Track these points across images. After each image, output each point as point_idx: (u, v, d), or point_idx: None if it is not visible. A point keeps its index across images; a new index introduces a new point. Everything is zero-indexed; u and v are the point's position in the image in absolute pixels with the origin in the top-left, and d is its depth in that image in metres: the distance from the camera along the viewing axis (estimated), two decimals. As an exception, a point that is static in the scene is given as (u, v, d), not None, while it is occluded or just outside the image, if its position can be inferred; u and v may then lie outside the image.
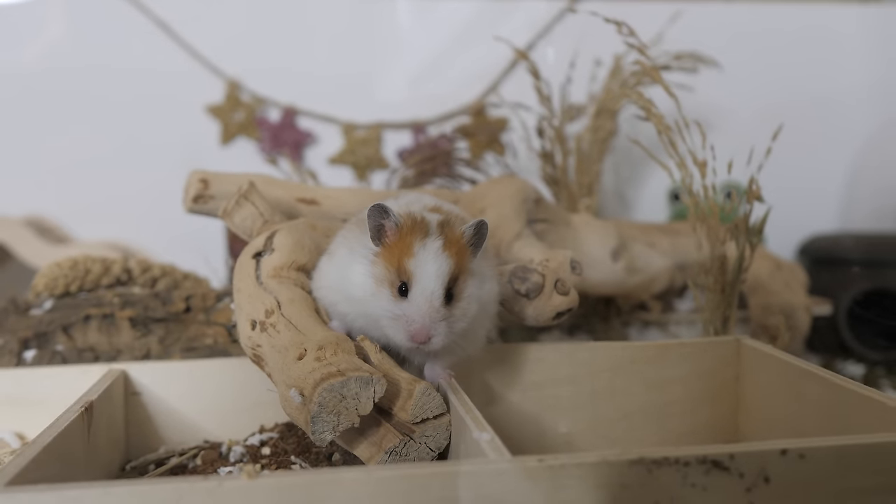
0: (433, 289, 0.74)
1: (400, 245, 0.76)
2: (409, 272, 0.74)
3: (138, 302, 1.04)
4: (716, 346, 0.97)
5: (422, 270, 0.74)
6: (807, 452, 0.61)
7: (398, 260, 0.75)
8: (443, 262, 0.75)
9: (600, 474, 0.60)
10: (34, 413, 0.88)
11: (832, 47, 1.72)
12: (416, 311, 0.74)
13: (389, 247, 0.76)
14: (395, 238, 0.76)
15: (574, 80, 1.47)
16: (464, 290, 0.77)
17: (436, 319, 0.74)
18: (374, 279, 0.76)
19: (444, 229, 0.77)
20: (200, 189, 1.01)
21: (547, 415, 0.95)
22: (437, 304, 0.74)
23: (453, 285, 0.76)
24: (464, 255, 0.77)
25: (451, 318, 0.75)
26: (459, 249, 0.77)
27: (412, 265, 0.74)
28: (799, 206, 1.64)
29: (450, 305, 0.75)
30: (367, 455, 0.74)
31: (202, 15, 1.60)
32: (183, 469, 0.85)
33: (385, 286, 0.75)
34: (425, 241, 0.75)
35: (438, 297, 0.74)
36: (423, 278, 0.74)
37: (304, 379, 0.71)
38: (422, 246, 0.75)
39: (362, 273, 0.77)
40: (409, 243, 0.75)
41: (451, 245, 0.76)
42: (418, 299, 0.74)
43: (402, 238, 0.76)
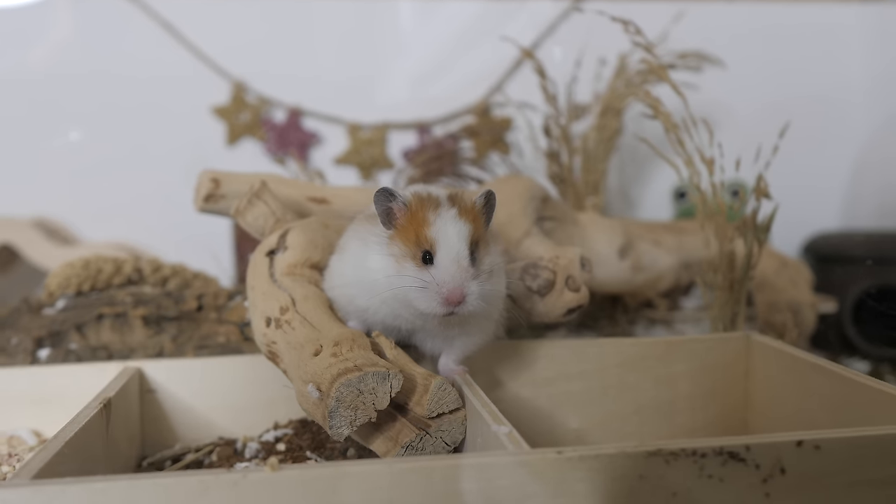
0: (458, 248, 0.74)
1: (414, 220, 0.76)
2: (431, 239, 0.74)
3: (151, 301, 1.04)
4: (725, 342, 0.97)
5: (444, 234, 0.74)
6: (822, 444, 0.62)
7: (415, 233, 0.75)
8: (462, 225, 0.75)
9: (618, 466, 0.60)
10: (51, 410, 0.89)
11: (834, 45, 1.73)
12: (445, 272, 0.74)
13: (403, 226, 0.76)
14: (406, 216, 0.76)
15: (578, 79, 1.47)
16: (485, 255, 0.77)
17: (467, 278, 0.74)
18: (394, 258, 0.76)
19: (455, 200, 0.78)
20: (212, 188, 1.02)
21: (558, 410, 0.95)
22: (465, 263, 0.74)
23: (475, 250, 0.76)
24: (479, 223, 0.77)
25: (480, 277, 0.75)
26: (475, 217, 0.77)
27: (432, 232, 0.75)
28: (803, 204, 1.65)
29: (475, 266, 0.75)
30: (384, 450, 0.74)
31: (207, 17, 1.60)
32: (199, 465, 0.86)
33: (407, 260, 0.75)
34: (439, 210, 0.76)
35: (465, 256, 0.74)
36: (447, 240, 0.74)
37: (321, 375, 0.72)
38: (437, 214, 0.75)
39: (380, 257, 0.77)
40: (423, 216, 0.76)
41: (465, 212, 0.76)
42: (445, 261, 0.74)
43: (415, 214, 0.76)
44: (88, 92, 1.58)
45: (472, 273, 0.74)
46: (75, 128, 1.60)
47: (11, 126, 1.57)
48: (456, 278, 0.73)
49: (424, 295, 0.74)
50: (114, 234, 1.60)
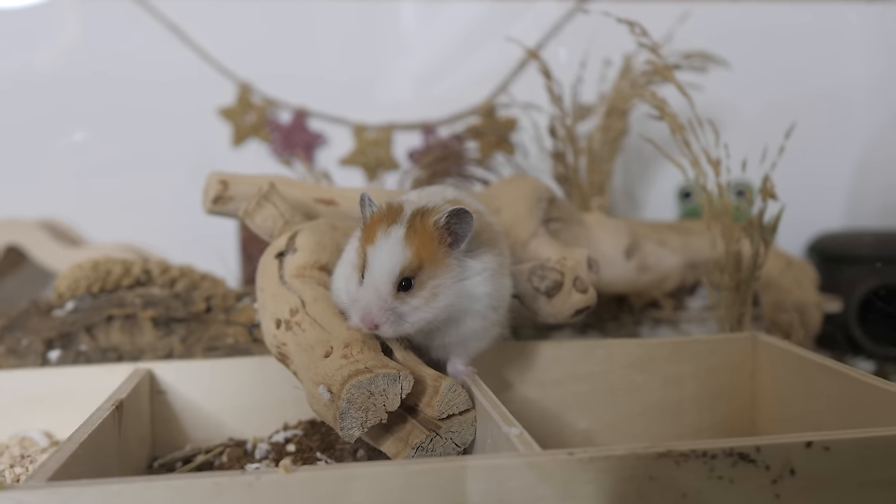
0: (378, 276, 0.74)
1: (367, 232, 0.77)
2: (366, 259, 0.75)
3: (160, 302, 1.05)
4: (732, 343, 0.98)
5: (373, 258, 0.75)
6: (831, 445, 0.62)
7: (363, 246, 0.76)
8: (397, 250, 0.74)
9: (628, 467, 0.61)
10: (61, 412, 0.90)
11: (839, 45, 1.73)
12: (363, 296, 0.75)
13: (363, 234, 0.77)
14: (368, 226, 0.77)
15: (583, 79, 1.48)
16: (428, 280, 0.75)
17: (382, 308, 0.74)
18: (352, 266, 0.78)
19: (415, 218, 0.76)
20: (220, 190, 1.02)
21: (566, 411, 0.96)
22: (382, 292, 0.74)
23: (414, 275, 0.74)
24: (430, 245, 0.75)
25: (405, 306, 0.74)
26: (425, 239, 0.75)
27: (369, 252, 0.75)
28: (806, 204, 1.65)
29: (407, 294, 0.74)
30: (394, 451, 0.75)
31: (213, 19, 1.61)
32: (209, 466, 0.87)
33: (356, 272, 0.77)
34: (389, 229, 0.75)
35: (385, 284, 0.74)
36: (372, 266, 0.75)
37: (331, 376, 0.72)
38: (383, 234, 0.75)
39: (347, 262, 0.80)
40: (373, 231, 0.76)
41: (414, 234, 0.75)
42: (366, 286, 0.75)
43: (371, 225, 0.77)
44: (95, 93, 1.59)
45: (391, 302, 0.74)
46: (81, 129, 1.60)
47: (19, 127, 1.58)
48: (369, 305, 0.74)
49: (352, 309, 0.76)
50: (120, 235, 1.61)
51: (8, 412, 0.91)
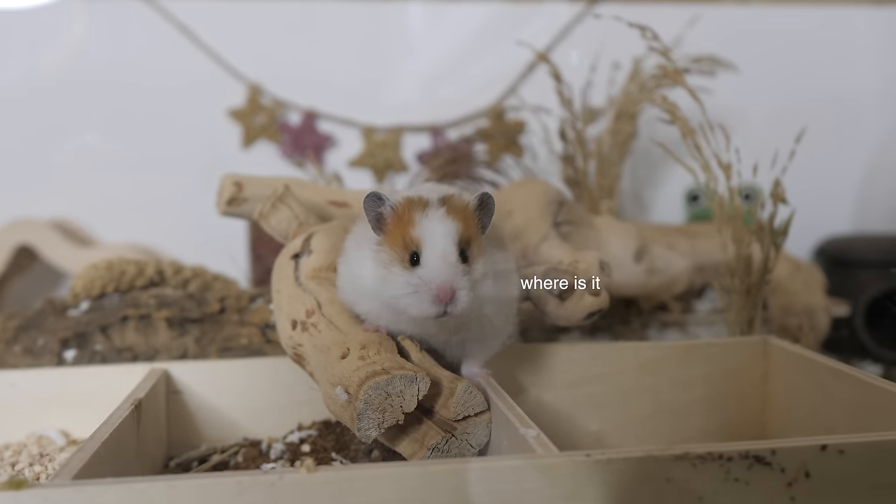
0: (444, 245, 0.72)
1: (401, 223, 0.74)
2: (416, 239, 0.72)
3: (174, 303, 1.06)
4: (743, 346, 0.99)
5: (429, 232, 0.72)
6: (846, 448, 0.63)
7: (402, 236, 0.73)
8: (449, 223, 0.73)
9: (646, 469, 0.61)
10: (78, 411, 0.91)
11: (847, 49, 1.73)
12: (432, 270, 0.71)
13: (390, 230, 0.75)
14: (393, 220, 0.75)
15: (593, 82, 1.49)
16: (478, 256, 0.74)
17: (456, 274, 0.71)
18: (382, 264, 0.74)
19: (447, 201, 0.76)
20: (234, 192, 1.03)
21: (577, 413, 0.96)
22: (452, 259, 0.71)
23: (466, 248, 0.73)
24: (471, 224, 0.75)
25: (471, 276, 0.73)
26: (465, 217, 0.74)
27: (417, 232, 0.72)
28: (814, 208, 1.65)
29: (465, 266, 0.73)
30: (410, 452, 0.75)
31: (223, 21, 1.62)
32: (225, 466, 0.87)
33: (395, 264, 0.73)
34: (427, 210, 0.74)
35: (452, 252, 0.72)
36: (432, 238, 0.72)
37: (348, 377, 0.73)
38: (424, 215, 0.73)
39: (370, 264, 0.75)
40: (410, 218, 0.74)
41: (455, 212, 0.74)
42: (431, 259, 0.71)
43: (401, 217, 0.74)
44: (105, 94, 1.60)
45: (463, 269, 0.72)
46: (91, 130, 1.61)
47: (30, 128, 1.59)
48: (443, 273, 0.71)
49: (414, 299, 0.72)
50: (131, 235, 1.62)
51: (25, 411, 0.92)
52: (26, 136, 1.59)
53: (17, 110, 1.58)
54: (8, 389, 0.92)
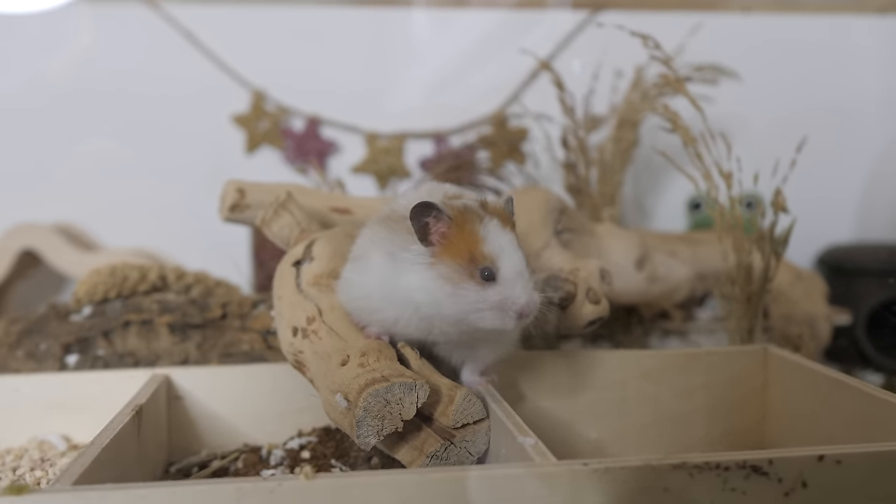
0: (520, 261, 0.74)
1: (460, 236, 0.73)
2: (489, 255, 0.72)
3: (176, 308, 1.06)
4: (743, 355, 0.99)
5: (502, 248, 0.73)
6: (843, 458, 0.63)
7: (467, 250, 0.73)
8: (511, 235, 0.75)
9: (643, 478, 0.62)
10: (80, 416, 0.91)
11: (849, 58, 1.74)
12: (515, 288, 0.72)
13: (449, 242, 0.73)
14: (452, 231, 0.73)
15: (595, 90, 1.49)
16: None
17: (533, 290, 0.74)
18: (447, 279, 0.72)
19: (488, 209, 0.76)
20: (237, 198, 1.03)
21: (577, 421, 0.97)
22: (527, 275, 0.74)
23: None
24: (514, 229, 0.77)
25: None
26: (511, 224, 0.77)
27: (488, 248, 0.73)
28: (816, 216, 1.65)
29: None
30: (409, 459, 0.76)
31: (228, 27, 1.62)
32: (225, 472, 0.88)
33: (465, 280, 0.72)
34: (484, 222, 0.74)
35: (527, 269, 0.74)
36: (508, 255, 0.73)
37: (348, 384, 0.73)
38: (485, 228, 0.74)
39: (425, 278, 0.73)
40: (471, 230, 0.73)
41: (505, 220, 0.76)
42: (512, 276, 0.73)
43: (461, 228, 0.73)
44: (109, 99, 1.60)
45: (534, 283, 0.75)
46: (96, 135, 1.62)
47: (34, 133, 1.60)
48: (527, 292, 0.73)
49: (494, 314, 0.73)
50: (134, 240, 1.62)
51: (27, 416, 0.92)
52: (31, 142, 1.60)
53: (22, 116, 1.59)
54: (10, 394, 0.92)
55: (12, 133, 1.59)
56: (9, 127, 1.59)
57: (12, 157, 1.59)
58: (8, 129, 1.59)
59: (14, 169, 1.59)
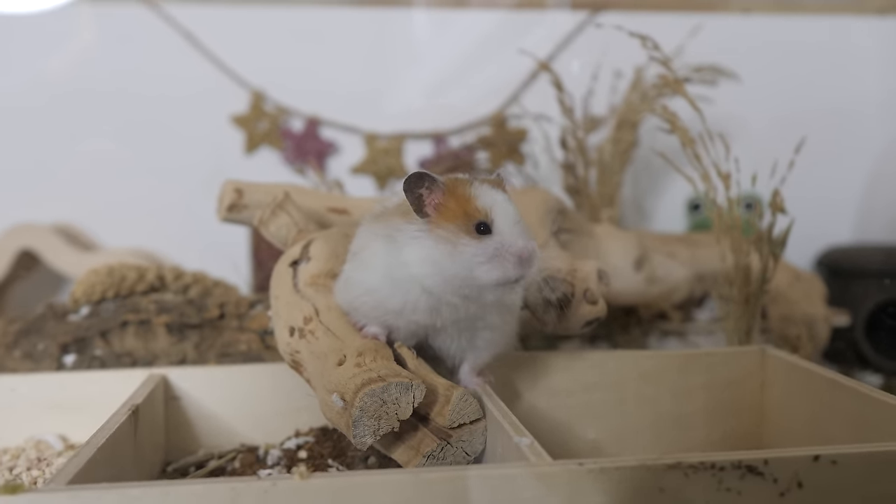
0: (514, 211, 0.73)
1: (454, 199, 0.74)
2: (483, 209, 0.73)
3: (174, 308, 1.06)
4: (741, 356, 0.99)
5: (495, 201, 0.73)
6: (839, 459, 0.63)
7: (462, 209, 0.73)
8: (504, 194, 0.75)
9: (639, 478, 0.62)
10: (77, 416, 0.91)
11: (848, 59, 1.74)
12: (511, 234, 0.72)
13: (443, 207, 0.74)
14: (445, 196, 0.74)
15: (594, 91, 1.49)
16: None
17: (531, 236, 0.73)
18: (445, 241, 0.73)
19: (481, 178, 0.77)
20: (235, 199, 1.03)
21: (575, 422, 0.97)
22: (523, 223, 0.74)
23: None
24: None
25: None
26: (503, 188, 0.77)
27: (482, 203, 0.73)
28: (815, 217, 1.65)
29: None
30: (405, 459, 0.76)
31: (227, 27, 1.62)
32: (222, 471, 0.88)
33: (461, 236, 0.72)
34: (475, 185, 0.74)
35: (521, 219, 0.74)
36: (502, 206, 0.73)
37: (344, 384, 0.73)
38: (477, 189, 0.74)
39: (424, 246, 0.74)
40: (464, 192, 0.74)
41: (498, 185, 0.76)
42: (507, 224, 0.73)
43: (453, 192, 0.74)
44: (108, 99, 1.60)
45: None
46: (95, 135, 1.62)
47: (33, 133, 1.60)
48: (523, 236, 0.73)
49: (494, 265, 0.72)
50: (132, 240, 1.62)
51: (24, 416, 0.92)
52: (30, 142, 1.60)
53: (21, 116, 1.59)
54: (7, 394, 0.93)
55: (11, 133, 1.59)
56: (8, 127, 1.59)
57: (11, 157, 1.59)
58: (7, 128, 1.59)
59: (13, 169, 1.59)
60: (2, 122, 1.59)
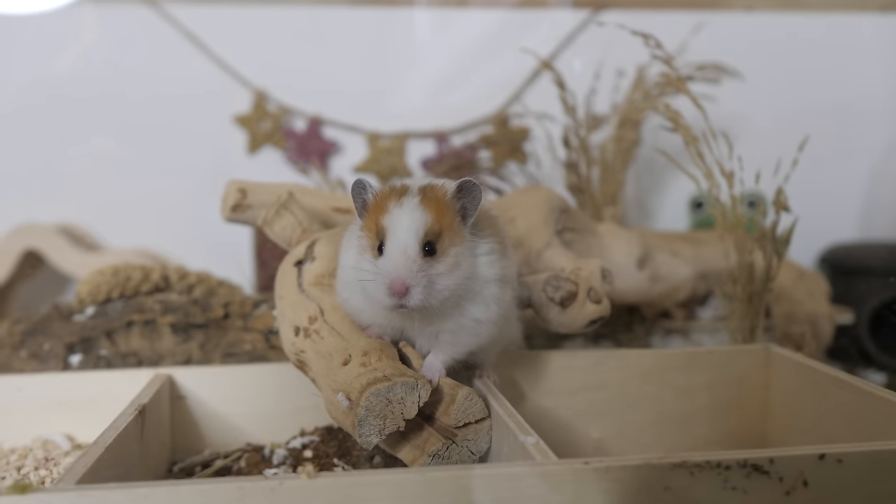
0: (405, 239, 0.72)
1: (377, 209, 0.75)
2: (384, 228, 0.73)
3: (179, 308, 1.06)
4: (745, 354, 0.99)
5: (394, 223, 0.73)
6: (844, 457, 0.63)
7: (375, 224, 0.74)
8: (417, 214, 0.73)
9: (644, 477, 0.62)
10: (83, 415, 0.92)
11: (852, 56, 1.73)
12: (388, 262, 0.72)
13: (368, 216, 0.76)
14: (372, 207, 0.76)
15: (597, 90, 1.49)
16: (449, 248, 0.74)
17: (411, 269, 0.71)
18: (359, 249, 0.76)
19: (425, 189, 0.75)
20: (239, 199, 1.03)
21: (579, 420, 0.97)
22: (411, 253, 0.72)
23: (436, 240, 0.73)
24: (446, 214, 0.74)
25: (432, 271, 0.72)
26: (440, 207, 0.74)
27: (385, 221, 0.73)
28: (819, 215, 1.65)
29: (431, 259, 0.73)
30: (411, 458, 0.76)
31: (230, 27, 1.63)
32: (228, 471, 0.88)
33: (367, 252, 0.74)
34: (402, 199, 0.74)
35: (413, 246, 0.72)
36: (396, 230, 0.72)
37: (350, 384, 0.74)
38: (397, 203, 0.74)
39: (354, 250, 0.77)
40: (385, 205, 0.74)
41: (429, 202, 0.74)
42: (391, 251, 0.72)
43: (378, 204, 0.75)
44: (112, 100, 1.61)
45: (421, 265, 0.72)
46: (98, 135, 1.62)
47: (37, 134, 1.60)
48: (398, 268, 0.71)
49: (376, 287, 0.72)
50: (136, 240, 1.63)
51: (31, 415, 0.93)
52: (34, 142, 1.60)
53: (25, 116, 1.59)
54: (14, 394, 0.93)
55: (16, 133, 1.60)
56: (12, 127, 1.59)
57: (16, 158, 1.60)
58: (11, 129, 1.59)
59: (17, 169, 1.60)
60: (6, 122, 1.59)
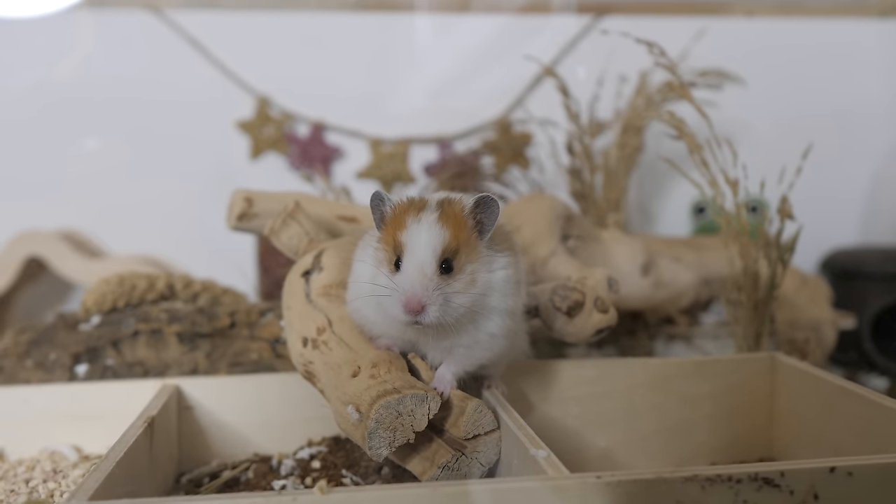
0: (423, 256, 0.72)
1: (393, 224, 0.75)
2: (402, 243, 0.73)
3: (185, 317, 1.06)
4: (750, 363, 0.99)
5: (412, 240, 0.73)
6: (854, 470, 0.63)
7: (393, 238, 0.74)
8: (435, 231, 0.73)
9: (656, 491, 0.62)
10: (91, 427, 0.92)
11: (853, 62, 1.74)
12: (405, 279, 0.72)
13: (386, 230, 0.76)
14: (390, 220, 0.76)
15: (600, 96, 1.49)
16: (466, 265, 0.74)
17: (428, 288, 0.71)
18: (376, 262, 0.76)
19: (443, 204, 0.76)
20: (245, 208, 1.03)
21: (585, 429, 0.97)
22: (428, 271, 0.72)
23: (453, 258, 0.74)
24: (463, 230, 0.75)
25: (448, 289, 0.73)
26: (458, 223, 0.75)
27: (403, 237, 0.74)
28: (820, 220, 1.65)
29: (448, 276, 0.73)
30: (420, 470, 0.76)
31: (232, 33, 1.63)
32: (236, 482, 0.88)
33: (384, 265, 0.75)
34: (420, 214, 0.75)
35: (430, 264, 0.72)
36: (413, 246, 0.73)
37: (359, 396, 0.74)
38: (415, 219, 0.74)
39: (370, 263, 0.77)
40: (403, 220, 0.75)
41: (447, 218, 0.74)
42: (408, 268, 0.72)
43: (396, 218, 0.76)
44: (114, 105, 1.61)
45: (438, 282, 0.72)
46: (100, 141, 1.62)
47: (38, 140, 1.60)
48: (414, 285, 0.71)
49: (392, 301, 0.73)
50: (138, 246, 1.62)
51: (37, 427, 0.93)
52: (36, 148, 1.60)
53: (26, 122, 1.59)
54: (20, 405, 0.93)
55: (17, 139, 1.59)
56: (14, 133, 1.59)
57: (18, 164, 1.59)
58: (13, 135, 1.59)
59: (19, 175, 1.59)
60: (7, 128, 1.59)
